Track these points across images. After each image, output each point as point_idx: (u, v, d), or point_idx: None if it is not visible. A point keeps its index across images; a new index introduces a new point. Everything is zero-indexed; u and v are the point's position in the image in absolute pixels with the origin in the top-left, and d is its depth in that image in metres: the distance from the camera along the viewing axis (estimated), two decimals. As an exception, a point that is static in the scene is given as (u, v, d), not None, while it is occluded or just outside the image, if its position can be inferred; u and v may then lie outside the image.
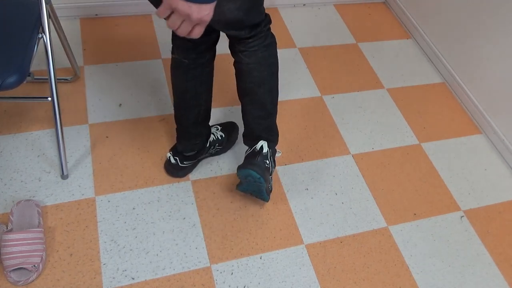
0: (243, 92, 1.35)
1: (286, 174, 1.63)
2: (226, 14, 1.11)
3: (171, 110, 1.74)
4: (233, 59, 1.31)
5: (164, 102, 1.76)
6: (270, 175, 1.42)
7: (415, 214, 1.62)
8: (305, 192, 1.60)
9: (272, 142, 1.43)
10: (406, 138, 1.85)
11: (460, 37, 2.00)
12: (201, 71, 1.34)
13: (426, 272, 1.48)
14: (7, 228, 1.32)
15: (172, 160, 1.52)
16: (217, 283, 1.35)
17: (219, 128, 1.61)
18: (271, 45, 1.30)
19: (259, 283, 1.37)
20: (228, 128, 1.65)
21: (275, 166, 1.48)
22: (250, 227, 1.48)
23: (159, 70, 1.87)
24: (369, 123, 1.87)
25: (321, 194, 1.61)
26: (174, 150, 1.53)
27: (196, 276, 1.35)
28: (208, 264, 1.38)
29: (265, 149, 1.38)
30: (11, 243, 1.25)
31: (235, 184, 1.57)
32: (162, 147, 1.63)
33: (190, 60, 1.30)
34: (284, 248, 1.45)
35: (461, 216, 1.64)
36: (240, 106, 1.39)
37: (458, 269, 1.50)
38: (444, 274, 1.48)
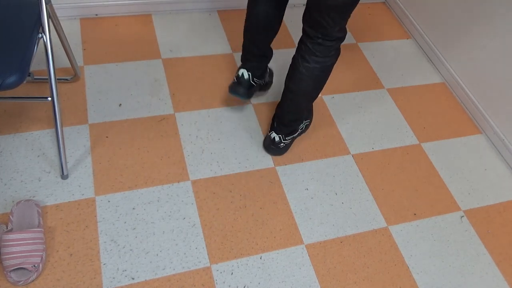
0: (287, 85, 1.48)
1: (286, 174, 1.63)
2: None
3: (171, 110, 1.74)
4: (293, 54, 1.44)
5: (164, 102, 1.76)
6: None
7: (415, 214, 1.62)
8: (305, 192, 1.60)
9: (293, 126, 1.62)
10: (406, 138, 1.85)
11: (460, 37, 2.00)
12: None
13: (426, 272, 1.48)
14: (7, 228, 1.32)
15: (246, 76, 1.63)
16: (217, 283, 1.35)
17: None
18: (329, 67, 1.40)
19: (259, 283, 1.37)
20: (270, 71, 1.83)
21: (309, 119, 1.75)
22: (250, 227, 1.48)
23: (159, 70, 1.87)
24: (369, 123, 1.87)
25: (321, 194, 1.61)
26: (247, 67, 1.64)
27: (196, 276, 1.35)
28: (208, 264, 1.38)
29: (277, 138, 1.61)
30: (11, 243, 1.25)
31: (235, 184, 1.58)
32: (162, 147, 1.63)
33: None
34: (284, 248, 1.45)
35: (461, 216, 1.64)
36: (241, 106, 1.40)
37: (458, 269, 1.50)
38: (444, 274, 1.48)
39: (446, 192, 1.70)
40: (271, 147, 1.64)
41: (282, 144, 1.63)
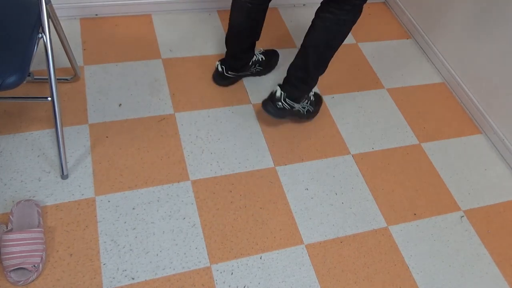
0: (302, 44, 1.53)
1: (286, 174, 1.63)
2: None
3: (171, 110, 1.74)
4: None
5: (164, 102, 1.76)
6: (305, 111, 1.72)
7: (415, 214, 1.62)
8: (305, 192, 1.60)
9: (298, 90, 1.62)
10: (406, 138, 1.85)
11: (460, 37, 2.00)
12: (262, 13, 1.59)
13: (426, 272, 1.48)
14: (7, 228, 1.32)
15: (219, 69, 1.79)
16: (217, 283, 1.35)
17: (262, 51, 1.89)
18: (344, 23, 1.44)
19: (259, 283, 1.37)
20: (270, 53, 1.92)
21: (313, 106, 1.76)
22: (250, 227, 1.48)
23: (159, 70, 1.87)
24: (369, 123, 1.87)
25: (321, 194, 1.61)
26: (223, 61, 1.80)
27: (196, 276, 1.35)
28: (208, 264, 1.38)
29: (278, 93, 1.61)
30: (11, 243, 1.25)
31: (235, 184, 1.58)
32: (162, 147, 1.63)
33: (255, 4, 1.53)
34: (284, 248, 1.45)
35: (461, 216, 1.64)
36: (241, 106, 1.40)
37: (458, 269, 1.50)
38: (444, 274, 1.48)
39: (446, 192, 1.70)
40: (268, 102, 1.62)
41: (280, 103, 1.61)
